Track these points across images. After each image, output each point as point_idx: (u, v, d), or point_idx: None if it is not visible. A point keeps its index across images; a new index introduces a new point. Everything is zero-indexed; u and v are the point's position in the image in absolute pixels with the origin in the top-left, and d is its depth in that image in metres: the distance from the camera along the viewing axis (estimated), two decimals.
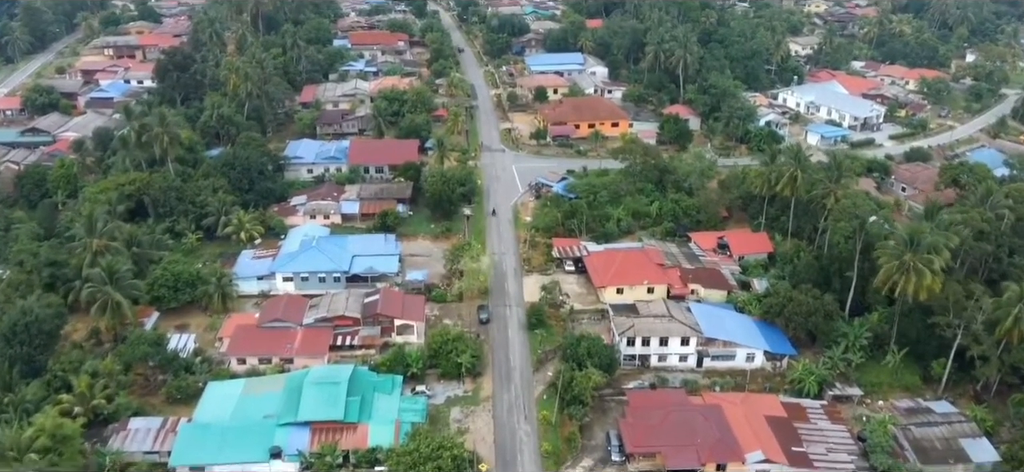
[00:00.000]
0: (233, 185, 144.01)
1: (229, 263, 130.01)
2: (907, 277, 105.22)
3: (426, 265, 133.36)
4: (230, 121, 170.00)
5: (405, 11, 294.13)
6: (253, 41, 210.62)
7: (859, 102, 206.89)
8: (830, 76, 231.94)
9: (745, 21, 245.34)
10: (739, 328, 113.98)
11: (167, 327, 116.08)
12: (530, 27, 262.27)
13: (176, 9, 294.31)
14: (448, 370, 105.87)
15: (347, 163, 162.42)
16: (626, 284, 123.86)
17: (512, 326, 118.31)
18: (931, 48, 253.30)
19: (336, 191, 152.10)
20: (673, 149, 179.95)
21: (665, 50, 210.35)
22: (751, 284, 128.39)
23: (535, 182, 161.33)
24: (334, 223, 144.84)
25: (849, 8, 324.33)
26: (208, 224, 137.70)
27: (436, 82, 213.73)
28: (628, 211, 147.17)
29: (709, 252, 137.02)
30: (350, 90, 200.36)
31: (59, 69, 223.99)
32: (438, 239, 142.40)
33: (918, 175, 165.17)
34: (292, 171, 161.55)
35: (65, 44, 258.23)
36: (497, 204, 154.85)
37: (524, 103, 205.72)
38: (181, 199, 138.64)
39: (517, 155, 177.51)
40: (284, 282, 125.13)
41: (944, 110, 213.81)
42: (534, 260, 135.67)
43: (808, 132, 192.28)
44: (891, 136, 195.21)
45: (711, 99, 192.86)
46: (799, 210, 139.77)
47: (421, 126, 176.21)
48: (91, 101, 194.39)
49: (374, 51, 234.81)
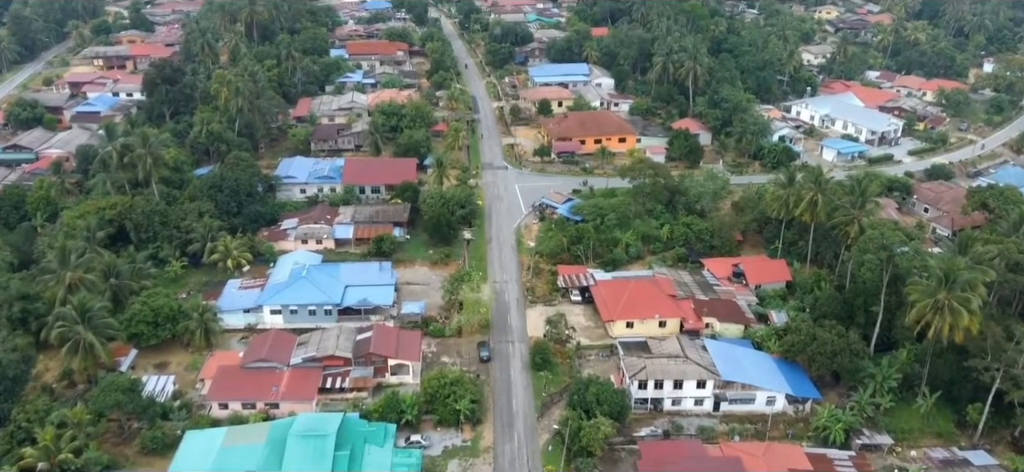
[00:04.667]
0: (220, 208, 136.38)
1: (214, 293, 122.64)
2: (942, 317, 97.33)
3: (423, 295, 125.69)
4: (220, 137, 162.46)
5: (405, 19, 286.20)
6: (246, 52, 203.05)
7: (876, 115, 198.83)
8: (845, 87, 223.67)
9: (756, 30, 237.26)
10: (759, 369, 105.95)
11: (146, 365, 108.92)
12: (534, 36, 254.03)
13: (170, 16, 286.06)
14: (446, 417, 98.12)
15: (342, 183, 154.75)
16: (636, 318, 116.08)
17: (515, 365, 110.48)
18: (948, 57, 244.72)
19: (329, 214, 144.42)
20: (683, 166, 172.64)
21: (674, 61, 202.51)
22: (769, 316, 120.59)
23: (539, 203, 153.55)
24: (327, 248, 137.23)
25: (861, 14, 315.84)
26: (194, 250, 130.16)
27: (436, 94, 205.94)
28: (637, 235, 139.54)
29: (724, 281, 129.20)
30: (346, 103, 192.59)
31: (47, 81, 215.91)
32: (437, 266, 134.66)
33: (942, 195, 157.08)
34: (284, 191, 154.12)
35: (54, 53, 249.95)
36: (499, 227, 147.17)
37: (528, 117, 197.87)
38: (165, 224, 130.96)
39: (520, 173, 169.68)
40: (272, 315, 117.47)
41: (964, 123, 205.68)
42: (538, 289, 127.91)
43: (824, 147, 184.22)
44: (910, 152, 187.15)
45: (723, 113, 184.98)
46: (818, 235, 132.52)
47: (420, 142, 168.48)
48: (77, 115, 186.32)
49: (372, 61, 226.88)
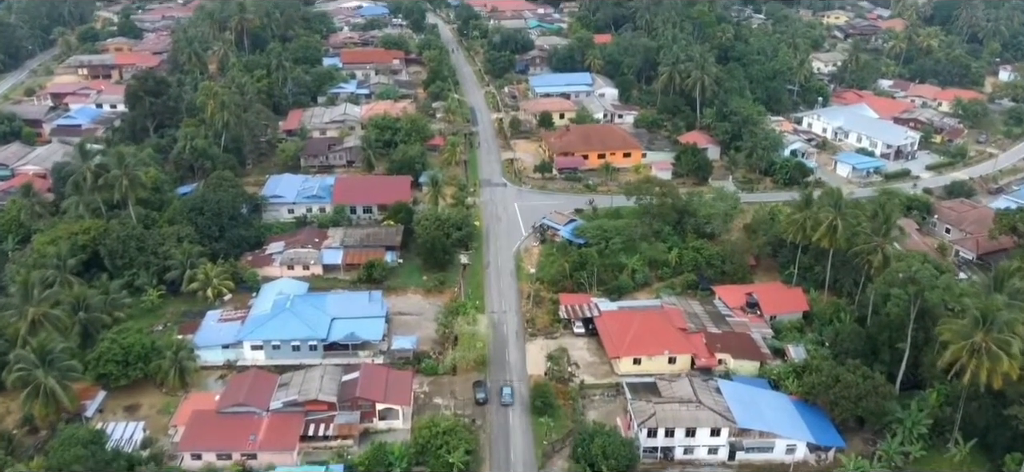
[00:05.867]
0: (201, 232, 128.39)
1: (193, 325, 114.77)
2: (979, 361, 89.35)
3: (416, 326, 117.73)
4: (205, 154, 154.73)
5: (402, 25, 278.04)
6: (235, 62, 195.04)
7: (891, 128, 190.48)
8: (857, 97, 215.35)
9: (765, 38, 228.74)
10: (777, 414, 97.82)
11: (115, 408, 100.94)
12: (534, 44, 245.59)
13: (160, 23, 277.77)
14: (438, 469, 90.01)
15: (331, 203, 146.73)
16: (644, 354, 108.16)
17: (514, 407, 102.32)
18: (962, 65, 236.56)
19: (318, 236, 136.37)
20: (691, 182, 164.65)
21: (680, 71, 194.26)
22: (786, 351, 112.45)
23: (539, 224, 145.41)
24: (314, 274, 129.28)
25: (871, 19, 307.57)
26: (172, 278, 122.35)
27: (433, 105, 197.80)
28: (644, 260, 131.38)
29: (737, 310, 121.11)
30: (339, 116, 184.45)
31: (29, 91, 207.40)
32: (431, 293, 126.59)
33: (965, 215, 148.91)
34: (271, 212, 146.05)
35: (39, 62, 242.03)
36: (497, 250, 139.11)
37: (528, 129, 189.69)
38: (142, 250, 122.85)
39: (520, 191, 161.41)
40: (253, 350, 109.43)
41: (982, 135, 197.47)
42: (539, 321, 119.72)
43: (838, 162, 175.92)
44: (928, 166, 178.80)
45: (732, 126, 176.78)
46: (837, 260, 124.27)
47: (414, 158, 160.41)
48: (57, 129, 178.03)
49: (367, 70, 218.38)
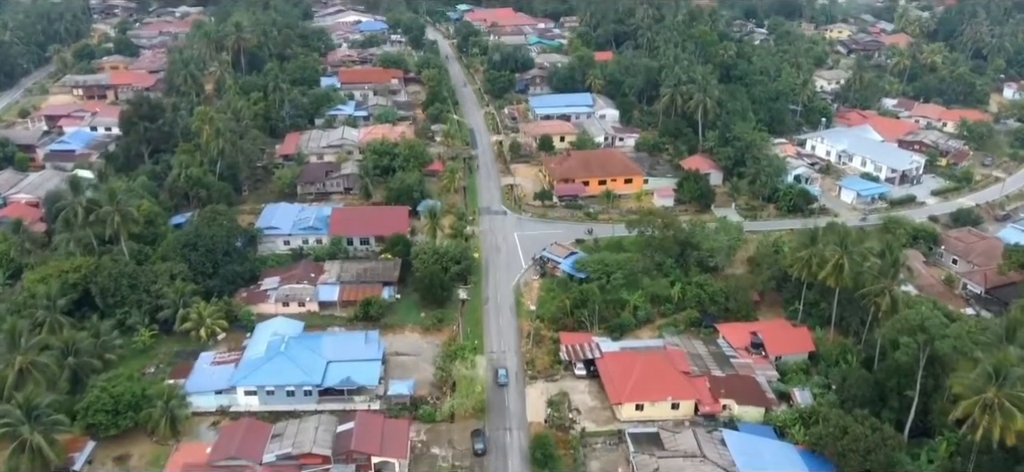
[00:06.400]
0: (195, 269, 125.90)
1: (185, 367, 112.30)
2: (992, 417, 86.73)
3: (414, 368, 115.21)
4: (199, 182, 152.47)
5: (401, 41, 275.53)
6: (231, 84, 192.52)
7: (896, 152, 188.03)
8: (861, 117, 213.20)
9: (768, 57, 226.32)
10: (784, 467, 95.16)
11: (105, 458, 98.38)
12: (534, 61, 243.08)
13: (156, 39, 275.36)
14: None
15: (328, 234, 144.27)
16: (647, 400, 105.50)
17: (513, 457, 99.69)
18: (967, 83, 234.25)
19: (314, 271, 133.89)
20: (693, 209, 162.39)
21: (682, 93, 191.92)
22: (792, 395, 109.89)
23: (540, 256, 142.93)
24: (310, 311, 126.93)
25: (874, 34, 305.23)
26: (165, 317, 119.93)
27: (432, 128, 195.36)
28: (646, 296, 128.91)
29: (741, 351, 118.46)
30: (337, 140, 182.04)
31: (23, 112, 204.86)
32: (429, 331, 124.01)
33: (973, 247, 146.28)
34: (266, 243, 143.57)
35: (34, 80, 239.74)
36: (497, 284, 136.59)
37: (528, 153, 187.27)
38: (134, 287, 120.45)
39: (520, 219, 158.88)
40: (247, 396, 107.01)
41: (988, 158, 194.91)
42: (539, 361, 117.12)
43: (842, 188, 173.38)
44: (933, 191, 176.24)
45: (735, 151, 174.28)
46: (843, 297, 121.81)
47: (412, 186, 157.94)
48: (50, 154, 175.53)
49: (365, 91, 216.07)
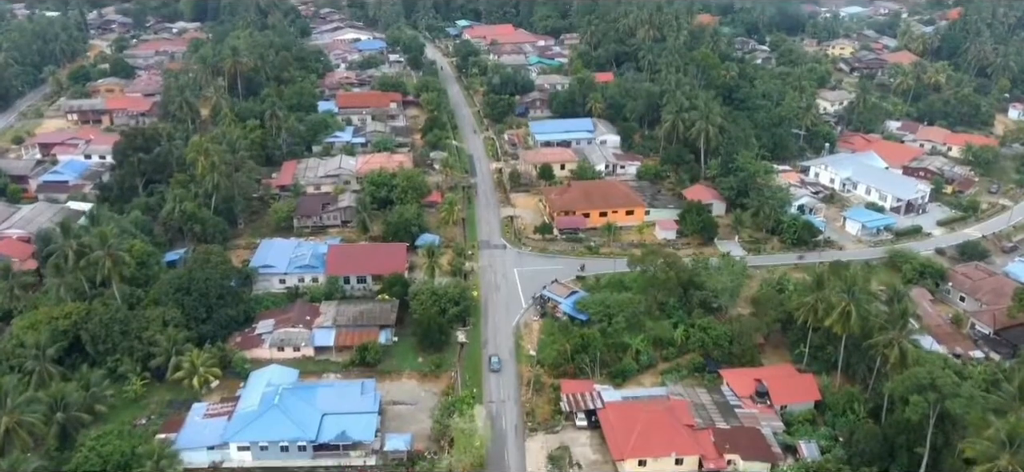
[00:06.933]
0: (187, 314, 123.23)
1: (178, 418, 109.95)
2: None
3: (411, 418, 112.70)
4: (194, 217, 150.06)
5: (400, 61, 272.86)
6: (227, 112, 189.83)
7: (902, 180, 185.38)
8: (865, 141, 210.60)
9: (771, 80, 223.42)
10: None
11: None
12: (535, 83, 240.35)
13: (152, 59, 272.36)
14: None
15: (325, 273, 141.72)
16: (650, 456, 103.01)
17: None
18: (972, 105, 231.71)
19: (309, 313, 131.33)
20: (696, 242, 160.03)
21: (684, 120, 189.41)
22: (798, 448, 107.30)
23: (540, 295, 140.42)
24: (305, 356, 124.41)
25: (877, 50, 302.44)
26: (157, 364, 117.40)
27: (430, 155, 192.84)
28: (648, 340, 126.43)
29: (746, 399, 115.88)
30: (334, 169, 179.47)
31: (17, 138, 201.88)
32: (427, 378, 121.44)
33: (980, 284, 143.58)
34: (261, 282, 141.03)
35: (29, 102, 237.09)
36: (496, 326, 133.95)
37: (528, 182, 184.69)
38: (125, 334, 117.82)
39: (519, 254, 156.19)
40: (240, 452, 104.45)
41: (994, 185, 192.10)
42: (539, 411, 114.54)
43: (847, 219, 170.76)
44: (939, 222, 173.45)
45: (737, 181, 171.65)
46: (850, 342, 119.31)
47: (411, 220, 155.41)
48: (43, 185, 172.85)
49: (363, 115, 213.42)
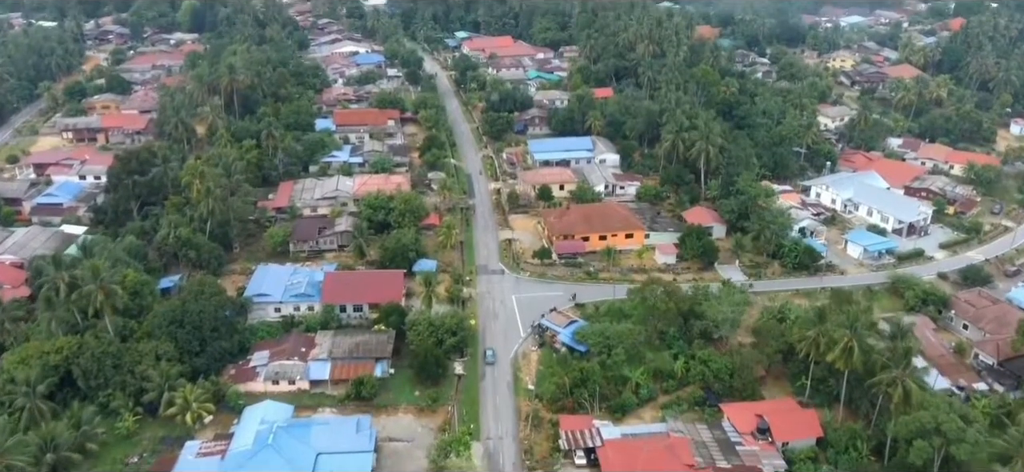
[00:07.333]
0: (181, 347, 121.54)
1: (170, 456, 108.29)
2: None
3: (408, 457, 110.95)
4: (189, 243, 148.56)
5: (398, 76, 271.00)
6: (223, 133, 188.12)
7: (903, 201, 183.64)
8: (866, 159, 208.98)
9: (772, 98, 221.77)
10: None
11: None
12: (533, 100, 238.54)
13: (148, 73, 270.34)
14: None
15: (320, 301, 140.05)
16: None
17: None
18: (974, 121, 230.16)
19: (305, 344, 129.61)
20: (696, 267, 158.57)
21: (684, 140, 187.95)
22: None
23: (538, 324, 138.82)
24: (300, 390, 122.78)
25: (878, 63, 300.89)
26: (150, 400, 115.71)
27: (428, 175, 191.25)
28: (648, 373, 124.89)
29: (747, 435, 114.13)
30: (331, 191, 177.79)
31: (11, 158, 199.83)
32: (424, 413, 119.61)
33: (984, 313, 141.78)
34: (257, 310, 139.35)
35: (24, 118, 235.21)
36: (495, 352, 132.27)
37: (526, 203, 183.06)
38: (118, 368, 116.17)
39: (518, 280, 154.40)
40: None
41: (997, 206, 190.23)
42: (537, 449, 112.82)
43: (848, 242, 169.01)
44: (941, 244, 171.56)
45: (738, 204, 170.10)
46: (853, 377, 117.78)
47: (408, 245, 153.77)
48: (37, 208, 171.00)
49: (361, 134, 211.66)
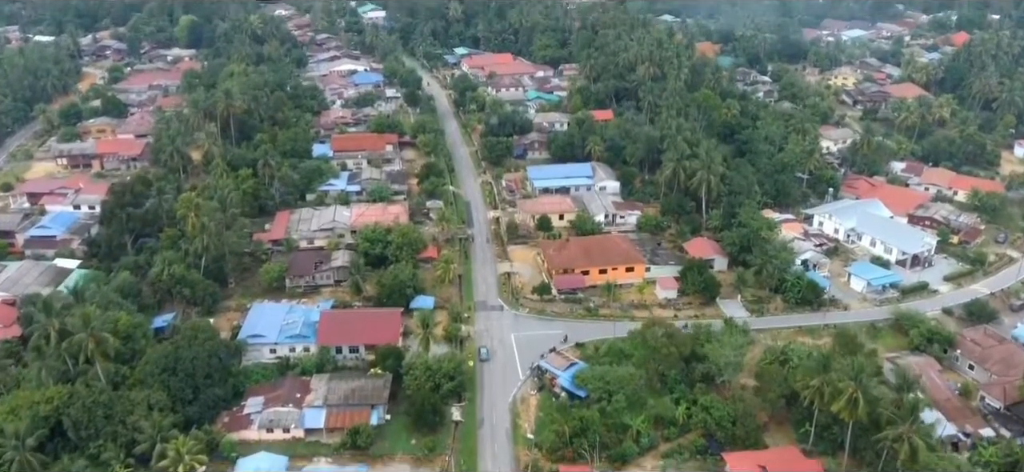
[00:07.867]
0: (173, 395, 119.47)
1: None
2: None
3: None
4: (183, 281, 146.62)
5: (397, 96, 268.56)
6: (219, 161, 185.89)
7: (907, 232, 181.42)
8: (869, 185, 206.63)
9: (773, 123, 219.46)
10: None
11: None
12: (533, 123, 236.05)
13: (145, 93, 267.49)
14: None
15: (316, 342, 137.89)
16: None
17: None
18: (978, 144, 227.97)
19: (300, 389, 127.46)
20: (697, 302, 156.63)
21: (685, 168, 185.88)
22: None
23: (537, 366, 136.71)
24: (295, 437, 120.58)
25: (880, 80, 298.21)
26: (142, 451, 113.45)
27: (427, 204, 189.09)
28: (649, 420, 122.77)
29: None
30: (328, 222, 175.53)
31: (5, 185, 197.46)
32: (420, 462, 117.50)
33: (990, 353, 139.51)
34: (251, 352, 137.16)
35: (19, 142, 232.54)
36: (492, 400, 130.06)
37: (526, 233, 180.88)
38: (109, 418, 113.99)
39: (516, 318, 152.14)
40: None
41: (1001, 235, 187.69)
42: None
43: (852, 276, 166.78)
44: (946, 277, 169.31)
45: (740, 236, 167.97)
46: (857, 426, 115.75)
47: (406, 281, 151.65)
48: (30, 241, 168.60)
49: (359, 160, 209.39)
